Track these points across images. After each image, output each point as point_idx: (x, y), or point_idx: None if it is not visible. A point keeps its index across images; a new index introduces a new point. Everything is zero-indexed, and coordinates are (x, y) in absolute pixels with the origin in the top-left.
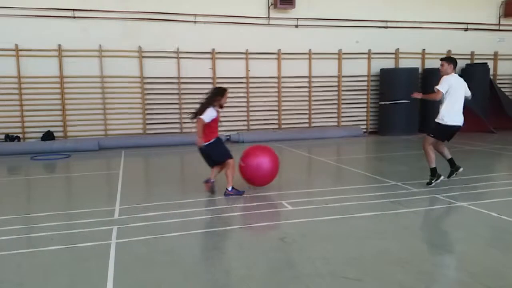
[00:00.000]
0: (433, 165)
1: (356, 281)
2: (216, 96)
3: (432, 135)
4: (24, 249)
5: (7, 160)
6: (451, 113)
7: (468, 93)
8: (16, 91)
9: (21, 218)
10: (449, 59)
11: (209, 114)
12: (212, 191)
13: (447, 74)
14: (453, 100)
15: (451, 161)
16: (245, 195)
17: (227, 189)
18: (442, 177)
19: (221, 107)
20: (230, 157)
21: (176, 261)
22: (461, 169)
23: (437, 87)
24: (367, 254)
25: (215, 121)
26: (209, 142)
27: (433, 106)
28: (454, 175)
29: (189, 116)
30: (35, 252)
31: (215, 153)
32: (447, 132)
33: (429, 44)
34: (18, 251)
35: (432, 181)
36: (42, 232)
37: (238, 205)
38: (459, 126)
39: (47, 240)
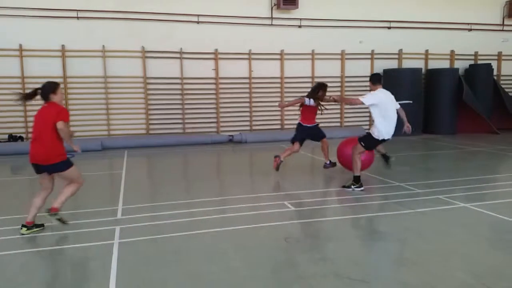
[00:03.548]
0: (358, 173)
1: (360, 282)
2: (315, 90)
3: (363, 145)
4: (27, 249)
5: (11, 160)
6: (386, 127)
7: (398, 106)
8: (19, 91)
9: (24, 218)
10: (370, 76)
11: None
12: (278, 168)
13: (372, 90)
14: (384, 114)
15: (385, 156)
16: (248, 195)
17: (325, 163)
18: (362, 188)
19: (320, 99)
20: (325, 136)
21: (180, 261)
22: (392, 159)
23: (361, 98)
24: (371, 255)
25: (314, 110)
26: (312, 125)
27: (437, 106)
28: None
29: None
30: (39, 252)
31: (318, 133)
32: (377, 144)
33: (432, 45)
34: (22, 251)
35: (352, 186)
36: (45, 232)
37: (241, 206)
38: (389, 138)
39: (50, 240)
